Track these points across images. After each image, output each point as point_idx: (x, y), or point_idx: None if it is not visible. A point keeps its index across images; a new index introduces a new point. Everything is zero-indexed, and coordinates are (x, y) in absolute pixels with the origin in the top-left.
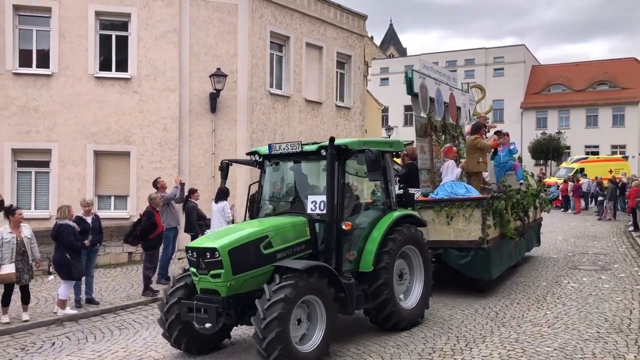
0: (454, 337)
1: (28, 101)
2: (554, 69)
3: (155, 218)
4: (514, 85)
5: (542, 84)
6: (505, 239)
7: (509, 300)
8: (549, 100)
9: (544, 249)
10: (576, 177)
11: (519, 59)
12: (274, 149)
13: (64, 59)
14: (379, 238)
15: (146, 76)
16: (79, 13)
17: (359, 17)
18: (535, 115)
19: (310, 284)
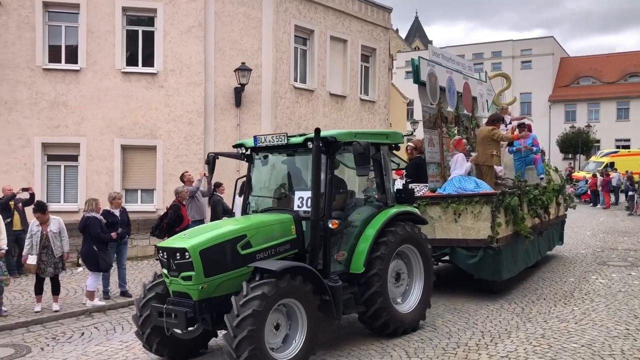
0: (479, 332)
1: (57, 96)
2: (583, 61)
3: (182, 211)
4: (542, 77)
5: (571, 77)
6: (520, 238)
7: (535, 296)
8: (578, 93)
9: (572, 244)
10: (606, 171)
11: (547, 51)
12: (259, 141)
13: (92, 54)
14: (371, 237)
15: (172, 71)
16: (107, 9)
17: (383, 10)
18: (563, 108)
19: (285, 288)
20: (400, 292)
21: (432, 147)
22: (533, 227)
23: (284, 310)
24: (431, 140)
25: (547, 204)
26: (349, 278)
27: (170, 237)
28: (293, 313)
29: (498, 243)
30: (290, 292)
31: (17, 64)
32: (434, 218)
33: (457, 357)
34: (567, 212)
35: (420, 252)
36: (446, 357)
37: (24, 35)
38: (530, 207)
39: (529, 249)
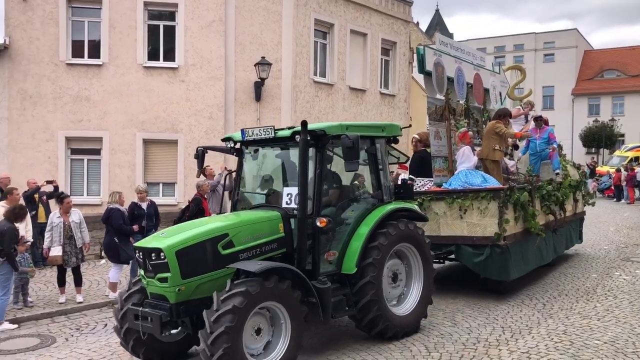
0: (499, 327)
1: (80, 91)
2: (607, 53)
3: (203, 205)
4: (565, 71)
5: (595, 70)
6: (532, 236)
7: (557, 292)
8: (602, 87)
9: (595, 240)
10: (630, 166)
11: (570, 44)
12: (247, 135)
13: (114, 49)
14: (364, 236)
15: (193, 65)
16: (128, 4)
17: (404, 3)
18: (587, 102)
19: (269, 289)
20: (398, 293)
21: (439, 140)
22: (547, 224)
23: (267, 315)
24: (438, 133)
25: (562, 200)
26: (341, 279)
27: (148, 236)
28: (276, 319)
29: (505, 241)
30: (275, 295)
31: (41, 59)
32: (438, 214)
33: (477, 352)
34: (585, 209)
35: (419, 251)
36: (466, 353)
37: (48, 30)
38: (543, 204)
39: (541, 247)
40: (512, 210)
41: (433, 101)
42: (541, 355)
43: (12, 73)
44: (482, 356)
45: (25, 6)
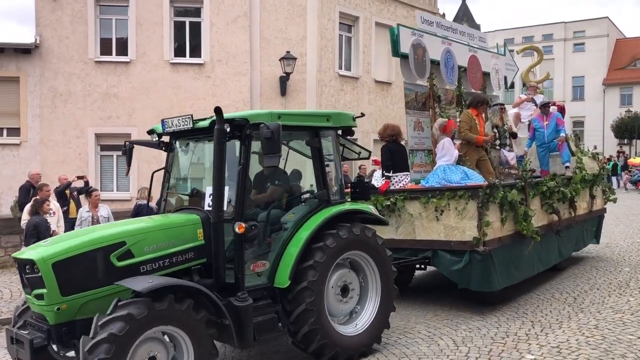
0: (528, 321)
1: (109, 88)
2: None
3: None
4: (595, 60)
5: (627, 59)
6: (525, 239)
7: (588, 286)
8: (635, 76)
9: (627, 232)
10: None
11: (601, 33)
12: (167, 126)
13: (141, 46)
14: (301, 242)
15: (218, 61)
16: (155, 1)
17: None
18: (619, 92)
19: (161, 312)
20: (348, 310)
21: (420, 131)
22: (550, 224)
23: (166, 342)
24: (419, 123)
25: (571, 197)
26: (276, 294)
27: (30, 245)
28: (176, 341)
29: (486, 246)
30: (170, 318)
31: (71, 57)
32: (413, 215)
33: (506, 346)
34: (609, 205)
35: (375, 260)
36: (495, 347)
37: (77, 29)
38: (544, 202)
39: (540, 250)
40: (497, 211)
41: (412, 88)
42: (572, 350)
43: (43, 71)
44: (511, 350)
45: (55, 5)
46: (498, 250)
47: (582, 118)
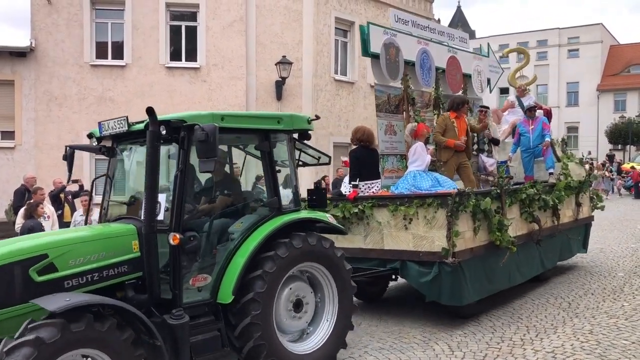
0: (523, 326)
1: (104, 91)
2: (634, 48)
3: None
4: (590, 66)
5: (621, 65)
6: (501, 250)
7: (583, 291)
8: (629, 82)
9: (621, 237)
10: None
11: (595, 39)
12: (104, 128)
13: (137, 50)
14: (247, 254)
15: (214, 65)
16: (151, 5)
17: (425, 0)
18: (613, 97)
19: (77, 334)
20: (302, 326)
21: (392, 135)
22: (530, 234)
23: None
24: (391, 126)
25: (554, 205)
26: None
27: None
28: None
29: (455, 258)
30: (89, 340)
31: (66, 60)
32: (382, 224)
33: (501, 351)
34: (593, 213)
35: (332, 273)
36: (490, 352)
37: (72, 32)
38: (523, 210)
39: (519, 261)
40: (469, 220)
41: (384, 89)
42: (567, 355)
43: (38, 75)
44: (506, 355)
45: (51, 9)
46: (470, 262)
47: (577, 124)
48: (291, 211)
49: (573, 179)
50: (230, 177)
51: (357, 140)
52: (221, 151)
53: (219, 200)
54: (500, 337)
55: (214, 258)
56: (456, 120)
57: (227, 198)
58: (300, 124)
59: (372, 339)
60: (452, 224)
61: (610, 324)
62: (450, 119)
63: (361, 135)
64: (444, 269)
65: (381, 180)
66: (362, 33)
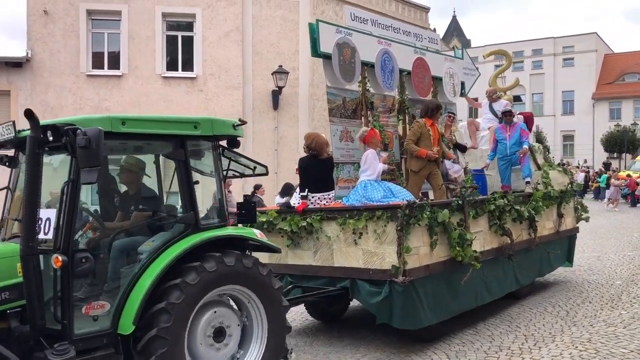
0: (522, 335)
1: (100, 101)
2: (628, 57)
3: None
4: (585, 75)
5: (615, 74)
6: (464, 267)
7: (580, 299)
8: (624, 91)
9: (618, 246)
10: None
11: (590, 48)
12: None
13: (133, 60)
14: (150, 279)
15: (211, 75)
16: (147, 15)
17: (421, 10)
18: (608, 106)
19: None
20: (227, 355)
21: (349, 142)
22: (501, 248)
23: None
24: (347, 133)
25: (530, 217)
26: (126, 342)
27: None
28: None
29: (407, 276)
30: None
31: (62, 70)
32: (331, 238)
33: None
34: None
35: (258, 294)
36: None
37: (68, 43)
38: (492, 222)
39: (488, 278)
40: (425, 234)
41: (338, 93)
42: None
43: (34, 85)
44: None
45: (47, 19)
46: (426, 280)
47: (572, 132)
48: (214, 227)
49: (554, 189)
50: (148, 190)
51: (306, 147)
52: (136, 159)
53: (133, 216)
54: (498, 346)
55: (117, 282)
56: (431, 128)
57: (142, 213)
58: (222, 129)
59: (371, 349)
60: (403, 239)
61: (608, 333)
62: (426, 127)
63: (309, 143)
64: (395, 288)
65: (335, 191)
66: (312, 31)
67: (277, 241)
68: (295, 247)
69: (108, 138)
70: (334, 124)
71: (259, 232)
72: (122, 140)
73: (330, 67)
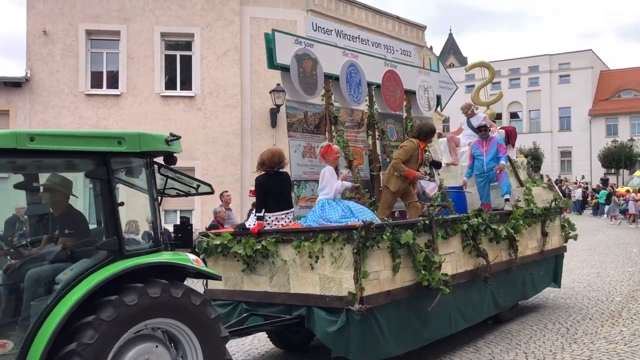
0: (522, 353)
1: (99, 120)
2: (624, 73)
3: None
4: (581, 92)
5: (611, 90)
6: (432, 292)
7: (581, 316)
8: (620, 107)
9: (618, 262)
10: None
11: (586, 65)
12: None
13: (132, 79)
14: (60, 316)
15: (209, 94)
16: (146, 35)
17: (417, 28)
18: (604, 122)
19: None
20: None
21: (312, 158)
22: (477, 270)
23: None
24: (310, 148)
25: (510, 236)
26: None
27: None
28: None
29: (364, 304)
30: None
31: (61, 90)
32: (287, 263)
33: None
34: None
35: (192, 326)
36: None
37: (68, 62)
38: (465, 243)
39: (462, 303)
40: (387, 257)
41: (299, 107)
42: None
43: (33, 105)
44: None
45: (47, 39)
46: (388, 308)
47: (570, 148)
48: (145, 253)
49: (537, 206)
50: (74, 212)
51: (263, 164)
52: (61, 178)
53: (44, 240)
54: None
55: (27, 317)
56: (421, 151)
57: (65, 239)
58: (152, 144)
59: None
60: (360, 263)
61: (609, 350)
62: (418, 148)
63: (267, 158)
64: (352, 317)
65: (295, 211)
66: (267, 42)
67: (233, 266)
68: (251, 272)
69: (13, 155)
70: (294, 139)
71: (194, 257)
72: (34, 158)
73: (289, 80)
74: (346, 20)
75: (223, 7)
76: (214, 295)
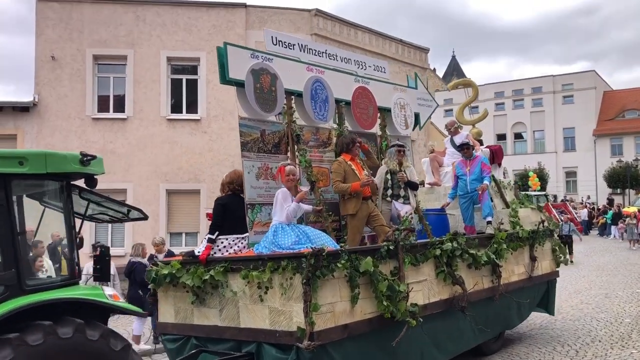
0: None
1: (106, 144)
2: (628, 93)
3: None
4: (584, 112)
5: (615, 110)
6: (398, 324)
7: (590, 338)
8: (624, 127)
9: (626, 282)
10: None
11: (589, 85)
12: None
13: (139, 103)
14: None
15: (215, 117)
16: (152, 59)
17: (420, 50)
18: (609, 142)
19: None
20: None
21: (269, 179)
22: (453, 299)
23: None
24: (267, 169)
25: (489, 262)
26: None
27: None
28: None
29: (315, 340)
30: None
31: (68, 114)
32: (237, 294)
33: None
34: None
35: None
36: None
37: (75, 87)
38: (439, 270)
39: (436, 335)
40: (344, 287)
41: (254, 125)
42: None
43: (41, 129)
44: None
45: (54, 64)
46: (345, 343)
47: (575, 168)
48: (56, 287)
49: (523, 229)
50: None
51: (228, 185)
52: None
53: None
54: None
55: None
56: (352, 162)
57: None
58: (61, 166)
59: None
60: (309, 294)
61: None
62: (346, 162)
63: (232, 180)
64: (302, 355)
65: (249, 236)
66: (220, 56)
67: (182, 297)
68: (200, 304)
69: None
70: (248, 159)
71: (111, 291)
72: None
73: (244, 96)
74: (349, 44)
75: (229, 31)
76: (164, 329)
